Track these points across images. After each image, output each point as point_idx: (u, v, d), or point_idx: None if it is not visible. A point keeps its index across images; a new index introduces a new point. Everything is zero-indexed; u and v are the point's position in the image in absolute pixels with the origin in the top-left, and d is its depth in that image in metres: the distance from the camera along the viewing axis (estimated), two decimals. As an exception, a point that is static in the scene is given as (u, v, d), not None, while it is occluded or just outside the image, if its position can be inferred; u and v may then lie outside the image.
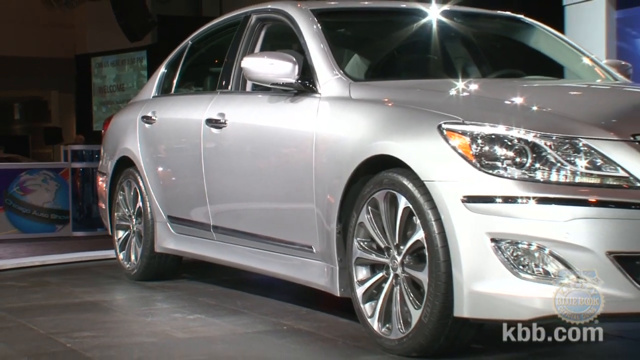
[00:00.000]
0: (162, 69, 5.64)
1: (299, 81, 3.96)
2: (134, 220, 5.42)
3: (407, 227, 3.30)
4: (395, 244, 3.36)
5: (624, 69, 4.65)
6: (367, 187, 3.48)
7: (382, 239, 3.42)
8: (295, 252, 4.02)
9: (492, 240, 2.99)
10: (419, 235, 3.21)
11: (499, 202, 2.99)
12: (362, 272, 3.52)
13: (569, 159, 3.00)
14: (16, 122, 26.96)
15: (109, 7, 14.34)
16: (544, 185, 2.98)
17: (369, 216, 3.46)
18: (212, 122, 4.60)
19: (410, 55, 4.76)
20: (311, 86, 3.97)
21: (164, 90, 5.57)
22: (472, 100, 3.69)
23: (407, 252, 3.30)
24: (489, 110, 3.32)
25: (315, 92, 3.95)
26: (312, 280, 3.90)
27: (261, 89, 4.31)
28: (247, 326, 3.97)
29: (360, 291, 3.51)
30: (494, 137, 3.09)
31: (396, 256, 3.35)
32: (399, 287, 3.34)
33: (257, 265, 4.38)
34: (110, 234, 5.76)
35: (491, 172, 3.04)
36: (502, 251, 2.98)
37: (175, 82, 5.50)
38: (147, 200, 5.24)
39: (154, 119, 5.28)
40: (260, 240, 4.29)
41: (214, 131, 4.58)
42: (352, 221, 3.54)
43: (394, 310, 3.35)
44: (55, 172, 9.37)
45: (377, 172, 3.44)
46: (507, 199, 2.98)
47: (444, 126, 3.19)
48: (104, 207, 5.81)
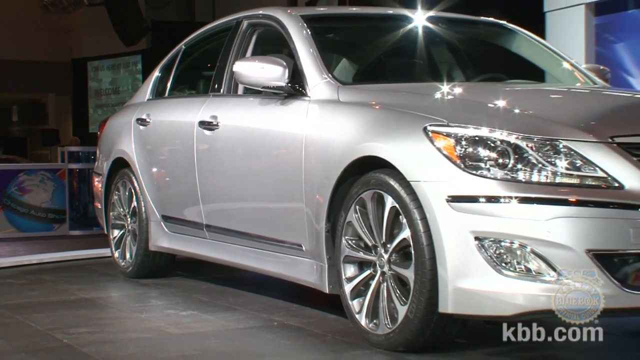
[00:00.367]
0: (157, 73, 5.63)
1: (289, 85, 3.96)
2: (129, 219, 5.41)
3: (394, 226, 3.30)
4: (382, 242, 3.36)
5: (602, 73, 4.67)
6: (355, 187, 3.48)
7: (370, 238, 3.42)
8: (285, 250, 4.02)
9: (476, 238, 3.00)
10: (405, 233, 3.21)
11: (483, 202, 2.99)
12: (350, 270, 3.52)
13: (549, 160, 3.01)
14: (14, 124, 26.85)
15: (105, 12, 14.31)
16: (526, 185, 2.98)
17: (356, 215, 3.46)
18: (204, 124, 4.59)
19: (396, 59, 4.76)
20: (301, 89, 3.97)
21: (158, 93, 5.56)
22: (456, 103, 3.69)
23: (394, 250, 3.30)
24: (472, 112, 3.33)
25: (304, 95, 3.95)
26: (302, 277, 3.90)
27: (252, 92, 4.31)
28: (239, 322, 3.97)
29: (348, 288, 3.51)
30: (477, 138, 3.09)
31: (383, 254, 3.35)
32: (385, 284, 3.34)
33: (248, 263, 4.38)
34: (105, 232, 5.74)
35: (475, 172, 3.04)
36: (486, 249, 2.99)
37: (169, 85, 5.49)
38: (141, 200, 5.23)
39: (149, 121, 5.27)
40: (251, 238, 4.29)
41: (207, 133, 4.57)
42: (341, 220, 3.54)
43: (381, 306, 3.35)
44: (52, 172, 9.35)
45: (365, 173, 3.44)
46: (490, 199, 2.98)
47: (429, 128, 3.19)
48: (100, 207, 5.80)
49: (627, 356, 3.37)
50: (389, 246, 3.32)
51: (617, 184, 2.97)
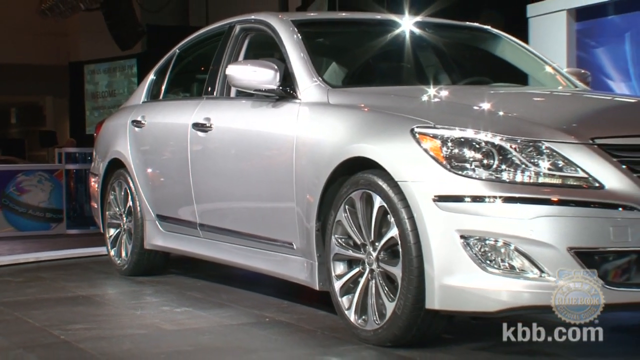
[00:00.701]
0: (151, 76, 5.61)
1: (280, 88, 3.96)
2: (125, 218, 5.39)
3: (382, 224, 3.30)
4: (370, 240, 3.36)
5: (583, 76, 4.69)
6: (344, 187, 3.48)
7: (359, 236, 3.42)
8: (277, 249, 4.02)
9: (462, 237, 3.00)
10: (393, 232, 3.21)
11: (468, 201, 3.00)
12: (339, 267, 3.52)
13: (532, 161, 3.02)
14: (13, 126, 26.75)
15: (101, 17, 14.27)
16: (510, 185, 2.99)
17: (346, 214, 3.46)
18: (198, 126, 4.58)
19: (384, 63, 4.77)
20: (292, 92, 3.97)
21: (153, 95, 5.54)
22: (442, 105, 3.69)
23: (382, 248, 3.30)
24: (458, 115, 3.33)
25: (295, 97, 3.95)
26: (293, 275, 3.90)
27: (245, 94, 4.30)
28: (232, 318, 3.96)
29: (338, 285, 3.51)
30: (463, 140, 3.10)
31: (372, 252, 3.35)
32: (374, 281, 3.34)
33: (241, 261, 4.37)
34: (102, 231, 5.73)
35: (460, 173, 3.04)
36: (471, 247, 2.99)
37: (163, 88, 5.48)
38: (137, 199, 5.22)
39: (144, 123, 5.26)
40: (244, 237, 4.28)
41: (200, 135, 4.56)
42: (331, 219, 3.54)
43: (370, 302, 3.35)
44: (49, 173, 9.32)
45: (354, 173, 3.44)
46: (476, 198, 2.99)
47: (417, 130, 3.19)
48: (96, 207, 5.78)
49: (622, 352, 3.32)
50: (377, 244, 3.32)
51: (597, 184, 2.97)
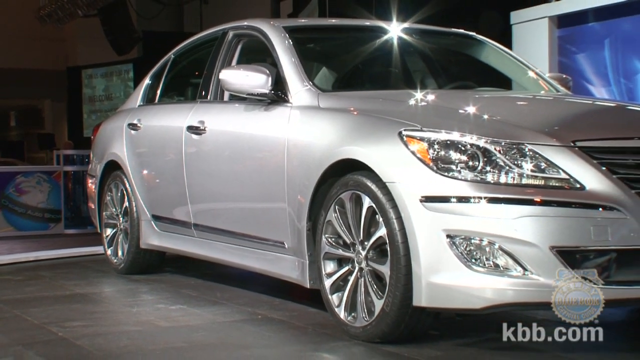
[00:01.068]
0: (147, 80, 5.60)
1: (272, 92, 3.95)
2: (121, 218, 5.38)
3: (371, 224, 3.30)
4: (360, 240, 3.36)
5: (565, 81, 4.70)
6: (334, 188, 3.48)
7: (348, 236, 3.42)
8: (269, 248, 4.01)
9: (448, 236, 3.00)
10: (382, 232, 3.21)
11: (454, 202, 3.00)
12: (330, 266, 3.52)
13: (516, 163, 3.02)
14: (12, 129, 26.65)
15: (99, 23, 14.25)
16: (494, 186, 2.99)
17: (336, 215, 3.46)
18: (192, 129, 4.57)
19: (373, 68, 4.76)
20: (283, 96, 3.96)
21: (149, 99, 5.53)
22: (429, 109, 3.70)
23: (371, 248, 3.30)
24: (444, 118, 3.33)
25: (287, 101, 3.94)
26: (285, 273, 3.89)
27: (238, 98, 4.29)
28: (225, 315, 3.95)
29: (328, 283, 3.50)
30: (449, 142, 3.10)
31: (361, 251, 3.35)
32: (363, 279, 3.34)
33: (234, 259, 4.36)
34: (99, 231, 5.71)
35: (447, 174, 3.04)
36: (457, 246, 2.99)
37: (159, 92, 5.46)
38: (133, 200, 5.20)
39: (140, 126, 5.24)
40: (237, 237, 4.28)
41: (195, 137, 4.55)
42: (321, 219, 3.53)
43: (359, 300, 3.34)
44: (48, 174, 9.30)
45: (344, 175, 3.44)
46: (461, 199, 2.99)
47: (404, 133, 3.19)
48: (94, 207, 5.76)
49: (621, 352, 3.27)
50: (366, 244, 3.32)
51: (578, 185, 2.98)
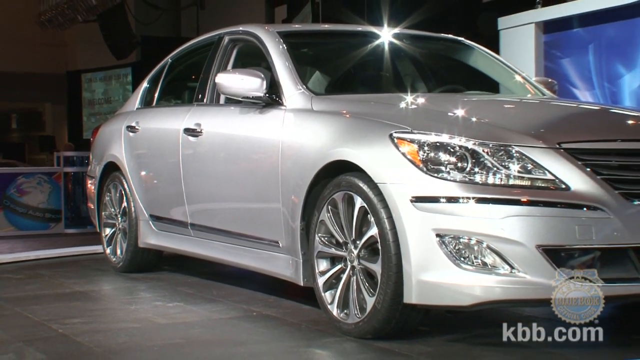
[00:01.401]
0: (145, 84, 5.59)
1: (267, 95, 3.95)
2: (120, 218, 5.36)
3: (363, 224, 3.30)
4: (352, 239, 3.35)
5: (550, 85, 4.71)
6: (327, 189, 3.47)
7: (341, 235, 3.41)
8: (263, 247, 4.00)
9: (437, 235, 3.00)
10: (373, 231, 3.20)
11: (443, 202, 3.00)
12: (323, 264, 3.51)
13: (503, 164, 3.02)
14: (14, 131, 26.55)
15: (98, 28, 14.22)
16: (482, 187, 2.99)
17: (329, 215, 3.45)
18: (189, 131, 4.56)
19: (365, 72, 4.76)
20: (277, 99, 3.96)
21: (147, 102, 5.51)
22: (419, 112, 3.70)
23: (363, 246, 3.30)
24: (434, 121, 3.33)
25: (281, 104, 3.94)
26: (279, 271, 3.89)
27: (233, 101, 4.29)
28: (221, 312, 3.94)
29: (321, 281, 3.50)
30: (438, 144, 3.10)
31: (353, 250, 3.35)
32: (355, 277, 3.33)
33: (230, 258, 4.36)
34: (98, 231, 5.69)
35: (436, 175, 3.05)
36: (446, 245, 2.99)
37: (156, 95, 5.45)
38: (131, 200, 5.19)
39: (138, 128, 5.23)
40: (232, 236, 4.27)
41: (191, 139, 4.54)
42: (314, 219, 3.53)
43: (351, 297, 3.34)
44: (48, 175, 9.26)
45: (336, 176, 3.44)
46: (450, 199, 2.99)
47: (395, 135, 3.19)
48: (93, 207, 5.74)
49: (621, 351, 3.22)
50: (358, 243, 3.32)
51: (564, 186, 2.99)
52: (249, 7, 12.93)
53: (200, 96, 4.69)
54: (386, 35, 4.59)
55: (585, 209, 2.95)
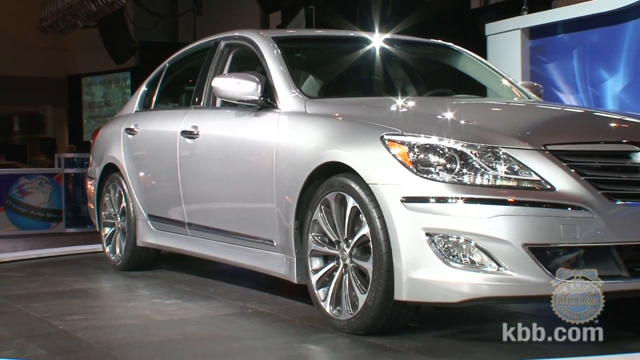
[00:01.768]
0: (143, 88, 5.58)
1: (262, 98, 3.95)
2: (119, 218, 5.35)
3: (355, 223, 3.30)
4: (344, 238, 3.35)
5: (536, 89, 4.71)
6: (320, 190, 3.47)
7: (333, 234, 3.41)
8: (258, 245, 4.00)
9: (427, 234, 3.00)
10: (365, 230, 3.20)
11: (433, 202, 3.00)
12: (316, 263, 3.51)
13: (491, 165, 3.03)
14: (15, 134, 26.47)
15: (98, 34, 14.18)
16: (470, 187, 2.99)
17: (322, 214, 3.45)
18: (186, 134, 4.56)
19: (357, 76, 4.76)
20: (272, 103, 3.95)
21: (145, 105, 5.50)
22: (409, 115, 3.70)
23: (355, 245, 3.29)
24: (424, 123, 3.34)
25: (275, 107, 3.93)
26: (273, 269, 3.88)
27: (229, 105, 4.28)
28: (217, 309, 3.93)
29: (314, 279, 3.49)
30: (428, 146, 3.10)
31: (345, 248, 3.34)
32: (347, 275, 3.33)
33: (226, 257, 4.35)
34: (98, 230, 5.68)
35: (426, 176, 3.04)
36: (435, 244, 2.99)
37: (154, 98, 5.44)
38: (130, 201, 5.18)
39: (136, 130, 5.22)
40: (228, 235, 4.26)
41: (188, 141, 4.54)
42: (308, 219, 3.53)
43: (344, 294, 3.34)
44: (50, 176, 9.25)
45: (329, 177, 3.43)
46: (440, 199, 2.99)
47: (386, 137, 3.19)
48: (93, 207, 5.72)
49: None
50: (350, 241, 3.32)
51: (549, 186, 2.99)
52: (244, 13, 12.92)
53: (197, 99, 4.68)
54: (377, 40, 4.60)
55: (569, 208, 2.95)
